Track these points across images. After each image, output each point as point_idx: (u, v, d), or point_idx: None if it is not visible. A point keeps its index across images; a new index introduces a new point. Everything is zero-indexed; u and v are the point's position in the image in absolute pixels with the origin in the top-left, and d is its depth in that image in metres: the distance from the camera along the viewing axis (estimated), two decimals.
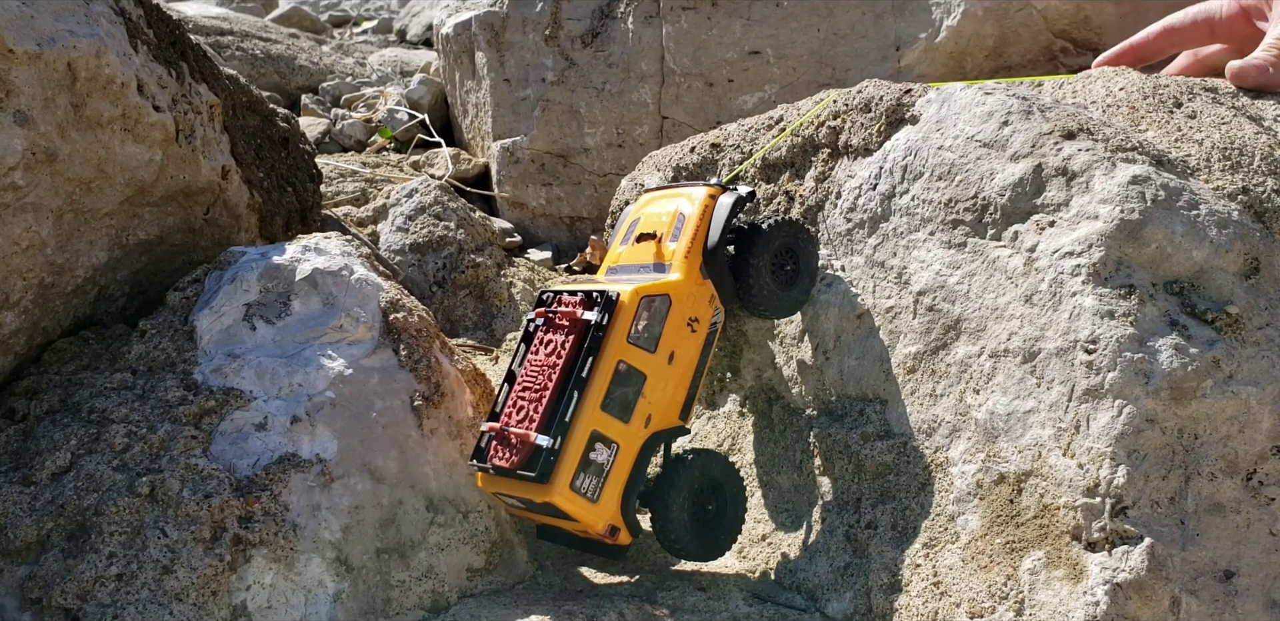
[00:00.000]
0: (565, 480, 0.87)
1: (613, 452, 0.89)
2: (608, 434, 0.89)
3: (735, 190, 0.98)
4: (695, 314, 0.94)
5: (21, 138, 0.85)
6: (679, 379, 0.94)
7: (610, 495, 0.90)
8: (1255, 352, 0.78)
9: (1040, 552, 0.78)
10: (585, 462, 0.88)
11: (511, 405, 0.91)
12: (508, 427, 0.90)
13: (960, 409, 0.87)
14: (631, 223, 1.01)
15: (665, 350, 0.92)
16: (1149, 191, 0.81)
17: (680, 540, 0.93)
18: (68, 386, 0.95)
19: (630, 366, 0.90)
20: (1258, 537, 0.76)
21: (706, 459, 0.95)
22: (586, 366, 0.88)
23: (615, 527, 0.91)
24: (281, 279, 0.98)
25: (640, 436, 0.91)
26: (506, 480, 0.90)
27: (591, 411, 0.88)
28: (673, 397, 0.94)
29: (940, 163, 0.91)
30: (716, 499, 0.96)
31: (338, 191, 1.80)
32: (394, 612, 0.91)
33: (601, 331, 0.89)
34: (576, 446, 0.88)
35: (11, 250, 0.89)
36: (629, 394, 0.90)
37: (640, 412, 0.91)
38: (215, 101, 1.11)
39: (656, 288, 0.92)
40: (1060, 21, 1.49)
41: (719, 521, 0.96)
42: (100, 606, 0.82)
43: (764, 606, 0.94)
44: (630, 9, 1.76)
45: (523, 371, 0.92)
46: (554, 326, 0.92)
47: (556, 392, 0.89)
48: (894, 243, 0.95)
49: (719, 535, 0.96)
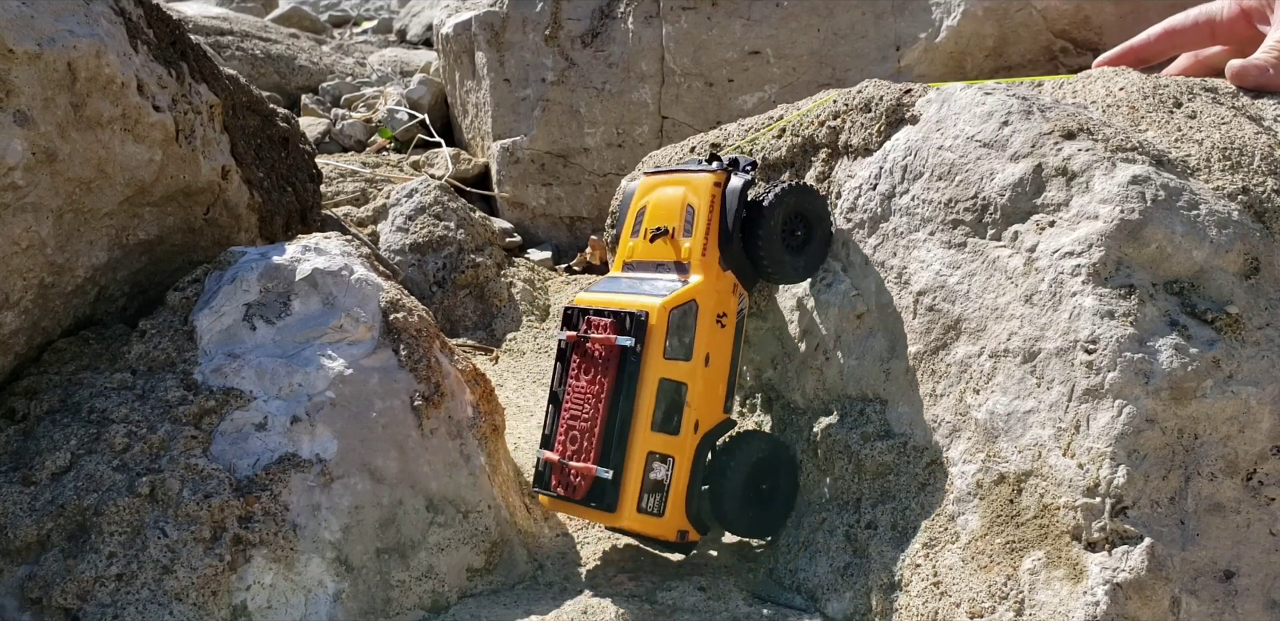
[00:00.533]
0: (632, 505, 0.90)
1: (669, 466, 0.92)
2: (663, 450, 0.92)
3: (738, 171, 0.97)
4: (722, 309, 0.95)
5: (21, 138, 0.85)
6: (718, 376, 0.95)
7: (675, 505, 0.92)
8: (1255, 353, 0.78)
9: (1040, 552, 0.78)
10: (647, 484, 0.91)
11: (564, 434, 0.94)
12: (566, 461, 0.93)
13: (960, 409, 0.87)
14: (638, 211, 1.00)
15: (700, 354, 0.93)
16: (1149, 191, 0.81)
17: (736, 523, 0.97)
18: (68, 386, 0.95)
19: (670, 380, 0.92)
20: (1258, 537, 0.76)
21: (752, 443, 0.97)
22: (630, 392, 0.90)
23: (684, 531, 0.94)
24: (281, 279, 0.98)
25: (692, 443, 0.93)
26: (575, 505, 0.93)
27: (644, 435, 0.91)
28: (715, 395, 0.95)
29: (940, 163, 0.91)
30: (768, 478, 0.98)
31: (338, 191, 1.80)
32: (394, 612, 0.91)
33: (637, 356, 0.90)
34: (636, 471, 0.90)
35: (11, 250, 0.89)
36: (675, 407, 0.92)
37: (688, 421, 0.92)
38: (215, 101, 1.11)
39: (681, 297, 0.92)
40: (1060, 21, 1.49)
41: (773, 498, 0.98)
42: (100, 606, 0.82)
43: (764, 606, 0.94)
44: (630, 9, 1.76)
45: (567, 397, 0.94)
46: (589, 354, 0.93)
47: (605, 423, 0.91)
48: (894, 243, 0.95)
49: (774, 512, 0.99)
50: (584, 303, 0.96)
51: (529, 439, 1.21)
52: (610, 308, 0.93)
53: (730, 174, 0.96)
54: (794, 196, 0.97)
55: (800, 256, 0.98)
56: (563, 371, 0.96)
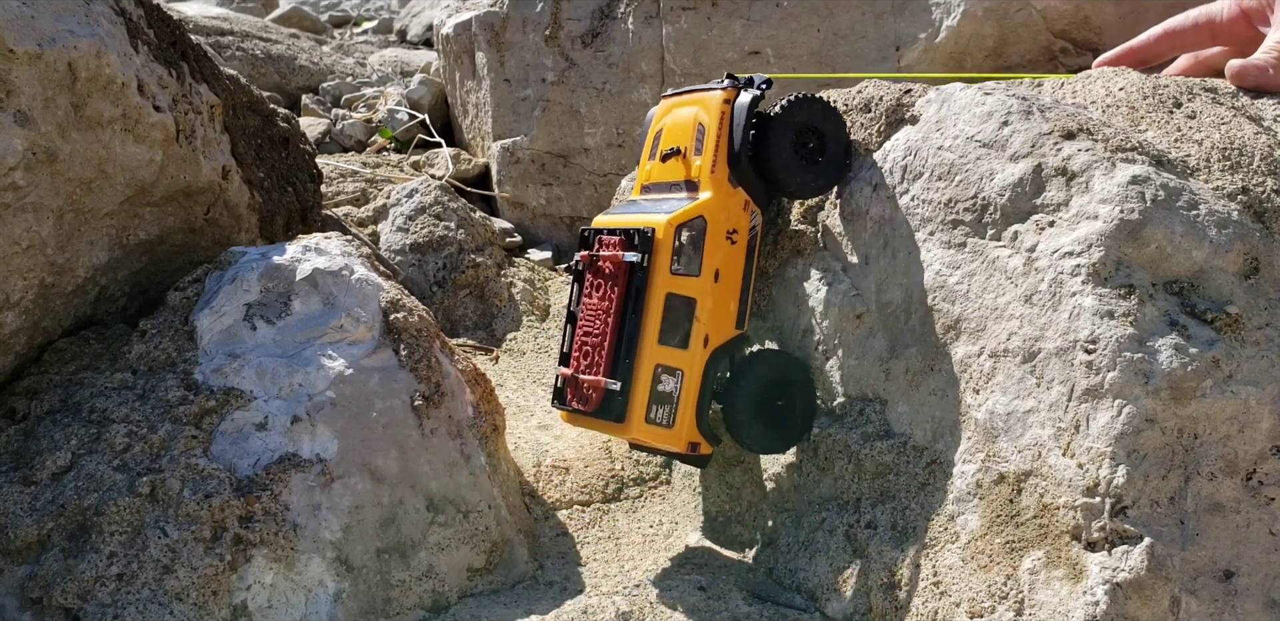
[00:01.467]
0: (640, 416, 0.92)
1: (678, 379, 0.93)
2: (671, 363, 0.93)
3: (749, 89, 0.96)
4: (732, 225, 0.95)
5: (22, 138, 0.85)
6: (729, 293, 0.96)
7: (685, 417, 0.94)
8: (1255, 352, 0.78)
9: (1040, 552, 0.78)
10: (655, 396, 0.93)
11: (578, 349, 0.96)
12: (578, 375, 0.95)
13: (960, 409, 0.87)
14: (656, 134, 1.01)
15: (710, 270, 0.94)
16: (1149, 191, 0.81)
17: (752, 438, 0.98)
18: (68, 386, 0.95)
19: (678, 296, 0.93)
20: (1258, 537, 0.76)
21: (767, 360, 0.98)
22: (638, 307, 0.92)
23: (695, 443, 0.95)
24: (282, 279, 0.98)
25: (702, 357, 0.94)
26: (588, 419, 0.95)
27: (650, 348, 0.92)
28: (725, 311, 0.96)
29: (940, 163, 0.91)
30: (784, 394, 0.98)
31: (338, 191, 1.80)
32: (394, 612, 0.91)
33: (644, 271, 0.92)
34: (644, 383, 0.92)
35: (12, 250, 0.89)
36: (683, 322, 0.93)
37: (697, 336, 0.94)
38: (216, 101, 1.11)
39: (689, 213, 0.93)
40: (1060, 21, 1.49)
41: (789, 414, 0.99)
42: (100, 606, 0.82)
43: (764, 606, 0.94)
44: (630, 9, 1.76)
45: (581, 314, 0.96)
46: (599, 271, 0.95)
47: (615, 337, 0.93)
48: (894, 243, 0.95)
49: (790, 427, 0.99)
50: (599, 224, 0.98)
51: (529, 439, 1.22)
52: (620, 226, 0.95)
53: (741, 91, 0.96)
54: (803, 108, 0.96)
55: (813, 169, 0.97)
56: (578, 291, 0.97)
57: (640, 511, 1.12)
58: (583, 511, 1.12)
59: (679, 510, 1.12)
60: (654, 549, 1.05)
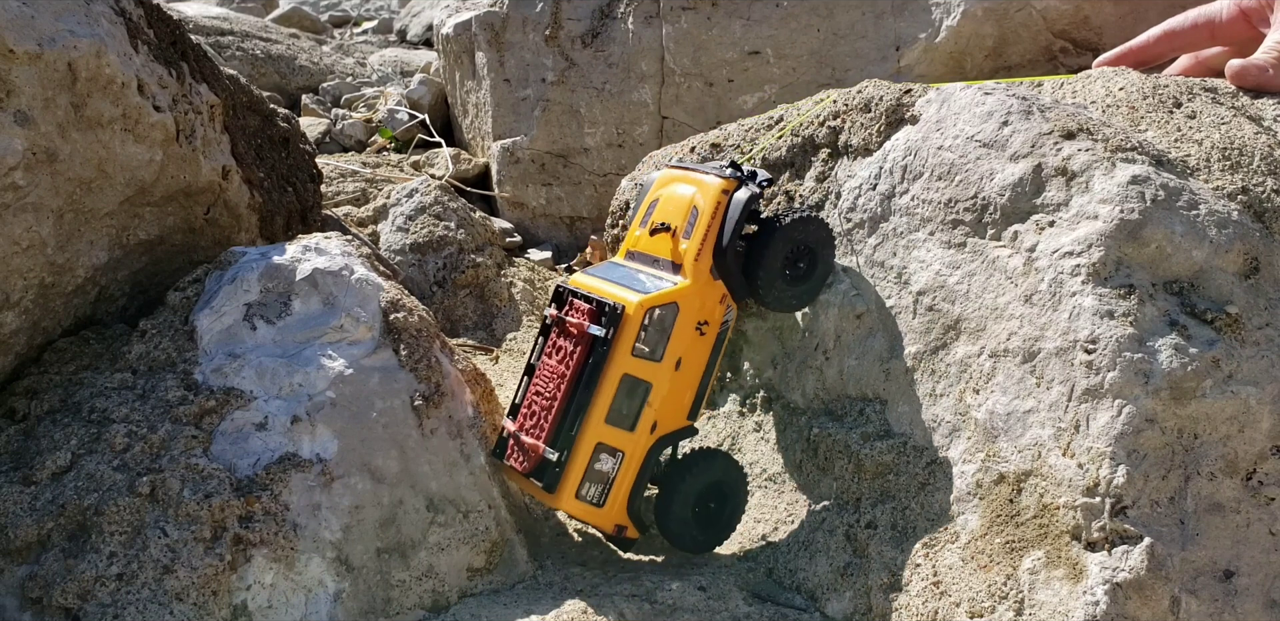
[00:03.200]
0: (571, 490, 0.92)
1: (618, 461, 0.93)
2: (613, 444, 0.93)
3: (749, 184, 0.96)
4: (704, 316, 0.94)
5: (22, 138, 0.85)
6: (687, 383, 0.95)
7: (616, 499, 0.94)
8: (1255, 352, 0.78)
9: (1040, 552, 0.78)
10: (590, 473, 0.93)
11: (526, 407, 0.96)
12: (520, 434, 0.95)
13: (960, 409, 0.87)
14: (651, 203, 1.00)
15: (672, 357, 0.93)
16: (1149, 191, 0.81)
17: (682, 538, 0.98)
18: (68, 386, 0.95)
19: (635, 378, 0.92)
20: (1257, 537, 0.76)
21: (707, 462, 0.97)
22: (592, 381, 0.91)
23: (622, 526, 0.96)
24: (282, 279, 0.98)
25: (646, 443, 0.94)
26: (523, 479, 0.96)
27: (596, 425, 0.92)
28: (680, 401, 0.95)
29: (940, 163, 0.91)
30: (717, 497, 0.98)
31: (338, 191, 1.80)
32: (394, 612, 0.91)
33: (606, 346, 0.91)
34: (581, 459, 0.92)
35: (12, 250, 0.89)
36: (634, 404, 0.92)
37: (645, 420, 0.93)
38: (216, 101, 1.11)
39: (664, 297, 0.92)
40: (1060, 21, 1.49)
41: (719, 516, 0.99)
42: (100, 606, 0.82)
43: (764, 606, 0.94)
44: (630, 9, 1.76)
45: (539, 370, 0.96)
46: (565, 333, 0.94)
47: (563, 405, 0.92)
48: (894, 243, 0.95)
49: (719, 529, 1.00)
50: (574, 284, 0.97)
51: None
52: (594, 294, 0.94)
53: (742, 184, 0.96)
54: (807, 227, 0.97)
55: (795, 287, 0.98)
56: (540, 346, 0.97)
57: None
58: None
59: None
60: (654, 548, 1.05)
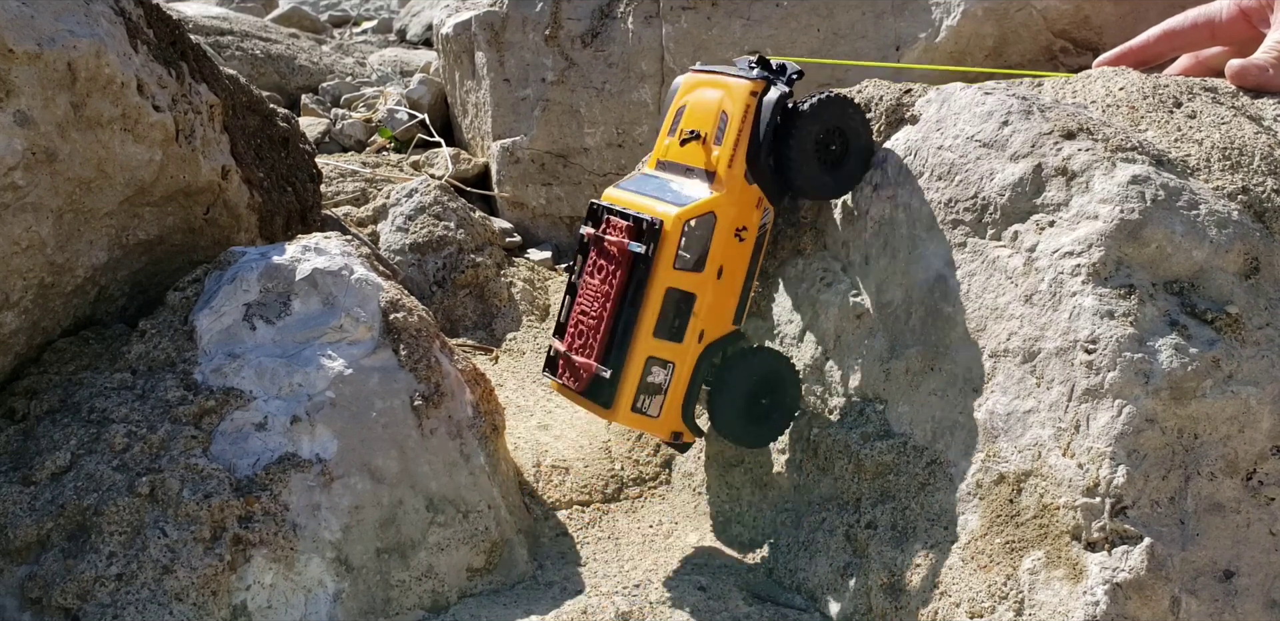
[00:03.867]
0: (627, 404, 0.93)
1: (669, 372, 0.94)
2: (663, 356, 0.93)
3: (779, 82, 0.93)
4: (742, 222, 0.94)
5: (21, 138, 0.85)
6: (730, 290, 0.95)
7: (671, 408, 0.95)
8: (1255, 352, 0.78)
9: (1040, 552, 0.78)
10: (644, 386, 0.93)
11: (573, 327, 0.96)
12: (571, 354, 0.95)
13: (960, 409, 0.87)
14: (678, 109, 0.98)
15: (714, 267, 0.93)
16: (1149, 191, 0.81)
17: (734, 434, 0.99)
18: (68, 386, 0.95)
19: (679, 290, 0.92)
20: (1258, 537, 0.76)
21: (754, 359, 0.98)
22: (637, 298, 0.92)
23: (678, 433, 0.96)
24: (281, 279, 0.98)
25: (695, 352, 0.94)
26: (576, 396, 0.96)
27: (645, 340, 0.92)
28: (724, 308, 0.96)
29: (940, 163, 0.91)
30: (768, 391, 0.98)
31: (338, 191, 1.80)
32: (394, 612, 0.91)
33: (648, 263, 0.91)
34: (634, 374, 0.92)
35: (11, 250, 0.89)
36: (680, 316, 0.93)
37: (693, 331, 0.94)
38: (215, 101, 1.11)
39: (700, 208, 0.92)
40: (1060, 21, 1.48)
41: (772, 412, 0.99)
42: (100, 606, 0.82)
43: (764, 606, 0.94)
44: (630, 9, 1.76)
45: (581, 290, 0.96)
46: (605, 252, 0.95)
47: (611, 323, 0.93)
48: (894, 242, 0.95)
49: (772, 425, 1.00)
50: (608, 200, 0.97)
51: (529, 439, 1.21)
52: (630, 210, 0.93)
53: (771, 84, 0.93)
54: (833, 109, 0.94)
55: (833, 173, 0.95)
56: (580, 265, 0.97)
57: (640, 511, 1.12)
58: (582, 511, 1.12)
59: (679, 510, 1.12)
60: (654, 549, 1.05)
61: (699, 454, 1.13)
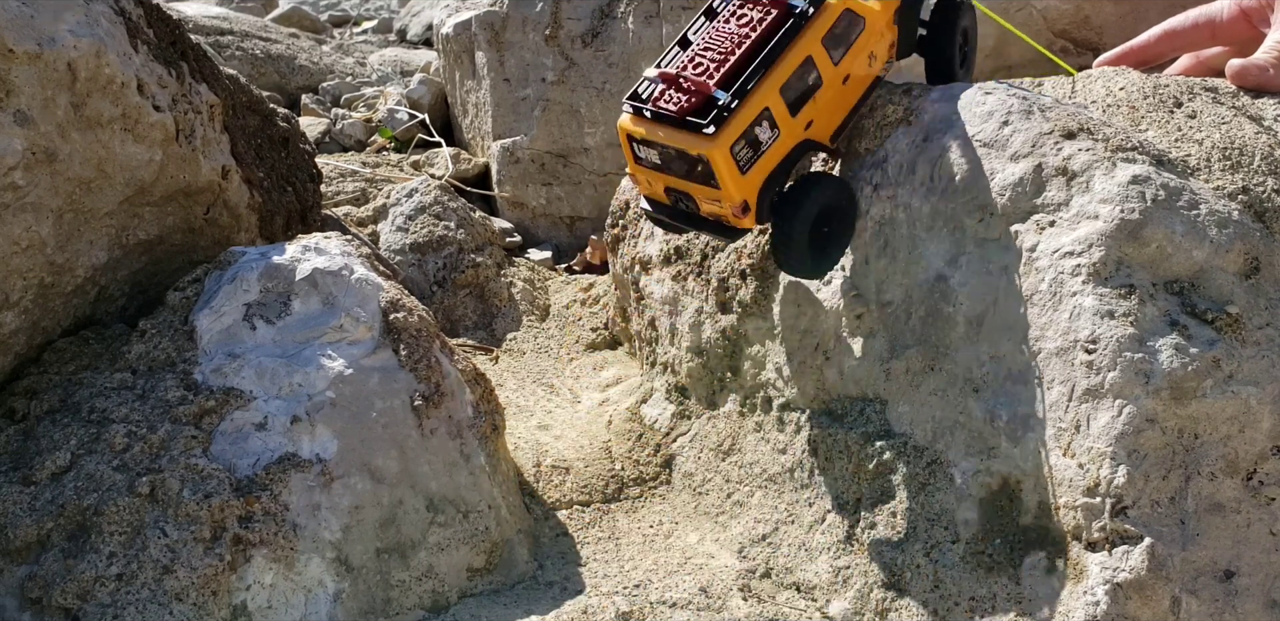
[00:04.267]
0: (729, 139, 0.86)
1: (773, 136, 0.89)
2: (776, 116, 0.89)
3: None
4: (875, 51, 0.95)
5: (21, 138, 0.85)
6: (845, 100, 0.95)
7: (757, 173, 0.89)
8: (1255, 352, 0.78)
9: (1040, 552, 0.78)
10: (749, 133, 0.88)
11: (688, 61, 0.90)
12: (682, 74, 0.89)
13: (960, 408, 0.87)
14: None
15: (845, 68, 0.93)
16: (1149, 191, 0.81)
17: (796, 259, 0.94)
18: (68, 386, 0.95)
19: (814, 65, 0.90)
20: (1258, 537, 0.76)
21: (830, 183, 0.95)
22: (777, 50, 0.88)
23: (747, 205, 0.90)
24: (282, 279, 0.98)
25: (798, 134, 0.92)
26: (661, 126, 0.89)
27: (771, 89, 0.88)
28: (834, 114, 0.94)
29: (940, 162, 0.91)
30: (832, 222, 0.96)
31: (338, 191, 1.80)
32: (394, 612, 0.91)
33: (804, 20, 0.89)
34: (749, 113, 0.87)
35: (11, 250, 0.89)
36: (805, 89, 0.91)
37: (806, 113, 0.91)
38: (215, 101, 1.11)
39: (860, 7, 0.92)
40: (1060, 21, 1.48)
41: (829, 243, 0.96)
42: (100, 606, 0.82)
43: (764, 607, 0.94)
44: (630, 9, 1.76)
45: (704, 37, 0.91)
46: (754, 4, 0.91)
47: (744, 59, 0.88)
48: (894, 242, 0.95)
49: (829, 256, 0.97)
50: None
51: (529, 439, 1.21)
52: None
53: None
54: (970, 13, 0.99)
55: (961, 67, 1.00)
56: (706, 20, 0.93)
57: (640, 511, 1.12)
58: (583, 511, 1.12)
59: (679, 510, 1.12)
60: (654, 549, 1.05)
61: (699, 454, 1.13)
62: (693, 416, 1.16)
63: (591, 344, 1.47)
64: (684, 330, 1.17)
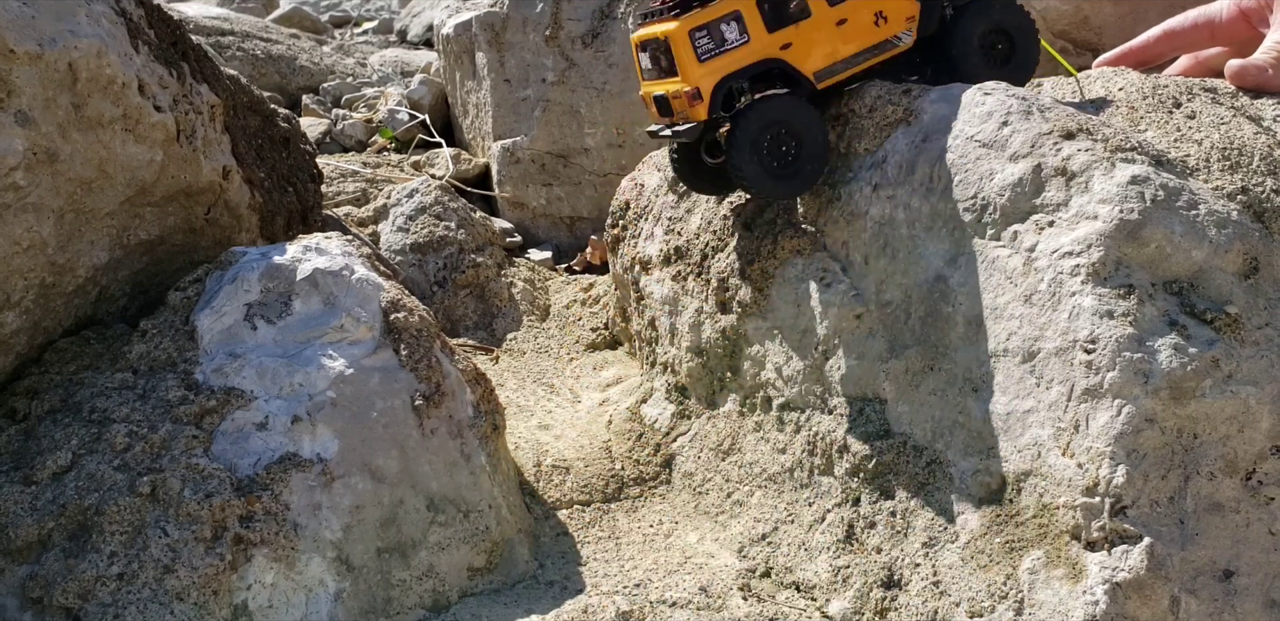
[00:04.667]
0: (690, 24, 0.92)
1: (741, 40, 0.94)
2: (747, 22, 0.94)
3: None
4: (886, 10, 0.97)
5: (23, 138, 0.85)
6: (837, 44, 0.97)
7: (716, 66, 0.94)
8: (1254, 352, 0.78)
9: (1040, 552, 0.79)
10: (714, 27, 0.93)
11: None
12: None
13: (960, 408, 0.87)
14: None
15: (842, 12, 0.96)
16: (1148, 191, 0.81)
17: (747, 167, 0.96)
18: (69, 386, 0.95)
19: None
20: (1257, 537, 0.76)
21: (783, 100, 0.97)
22: None
23: (699, 92, 0.94)
24: (282, 279, 0.98)
25: (771, 50, 0.95)
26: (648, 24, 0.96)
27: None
28: (819, 49, 0.96)
29: (940, 163, 0.91)
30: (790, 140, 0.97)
31: (338, 191, 1.80)
32: (394, 612, 0.91)
33: None
34: (717, 9, 0.93)
35: (13, 250, 0.89)
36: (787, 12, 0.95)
37: (786, 34, 0.95)
38: (216, 102, 1.11)
39: None
40: (1060, 21, 1.49)
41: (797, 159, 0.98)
42: (101, 605, 0.82)
43: (764, 606, 0.94)
44: (630, 9, 1.76)
45: None
46: None
47: None
48: (894, 242, 0.95)
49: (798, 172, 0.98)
50: None
51: (529, 439, 1.22)
52: None
53: None
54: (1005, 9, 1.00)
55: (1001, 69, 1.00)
56: None
57: (640, 511, 1.12)
58: (583, 511, 1.12)
59: (679, 510, 1.12)
60: (654, 548, 1.05)
61: (699, 453, 1.13)
62: (693, 416, 1.16)
63: (591, 344, 1.47)
64: (684, 330, 1.17)
